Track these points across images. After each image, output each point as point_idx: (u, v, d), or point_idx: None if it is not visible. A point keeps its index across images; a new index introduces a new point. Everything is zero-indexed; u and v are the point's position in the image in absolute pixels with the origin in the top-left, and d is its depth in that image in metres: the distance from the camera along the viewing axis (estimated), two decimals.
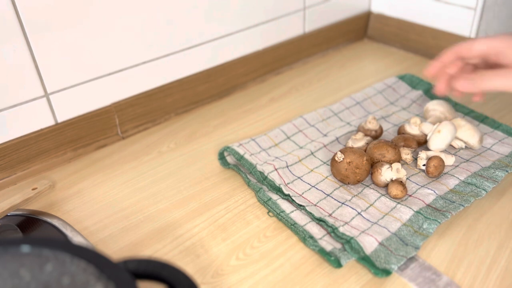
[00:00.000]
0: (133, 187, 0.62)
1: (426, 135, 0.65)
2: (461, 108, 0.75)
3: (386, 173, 0.58)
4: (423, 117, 0.72)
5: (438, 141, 0.62)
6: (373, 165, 0.60)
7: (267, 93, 0.85)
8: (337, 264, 0.49)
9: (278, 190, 0.58)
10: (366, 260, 0.48)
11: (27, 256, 0.33)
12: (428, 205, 0.55)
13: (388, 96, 0.79)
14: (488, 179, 0.58)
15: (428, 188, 0.58)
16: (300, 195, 0.58)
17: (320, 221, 0.53)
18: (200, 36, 0.77)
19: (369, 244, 0.50)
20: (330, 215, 0.54)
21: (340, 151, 0.59)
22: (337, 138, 0.68)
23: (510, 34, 0.53)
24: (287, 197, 0.57)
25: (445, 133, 0.62)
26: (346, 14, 1.00)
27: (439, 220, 0.52)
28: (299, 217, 0.54)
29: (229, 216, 0.57)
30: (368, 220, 0.54)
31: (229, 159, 0.65)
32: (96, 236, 0.54)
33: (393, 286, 0.47)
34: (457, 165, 0.62)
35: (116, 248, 0.53)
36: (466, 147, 0.66)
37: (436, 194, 0.57)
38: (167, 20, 0.72)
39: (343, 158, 0.58)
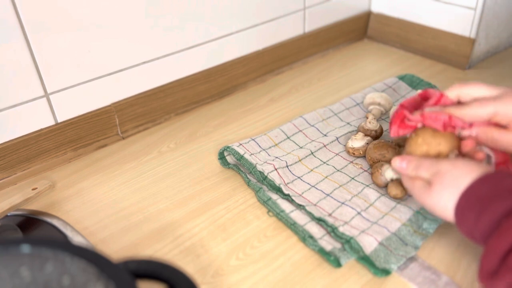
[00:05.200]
0: (133, 187, 0.62)
1: None
2: None
3: (386, 173, 0.57)
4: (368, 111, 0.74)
5: None
6: (373, 165, 0.60)
7: (267, 93, 0.85)
8: (337, 263, 0.49)
9: (278, 190, 0.58)
10: (365, 260, 0.48)
11: (27, 256, 0.33)
12: None
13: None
14: None
15: None
16: (300, 195, 0.58)
17: (320, 220, 0.53)
18: (200, 36, 0.77)
19: (368, 243, 0.50)
20: (330, 214, 0.54)
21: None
22: (337, 138, 0.68)
23: None
24: (287, 197, 0.57)
25: None
26: (346, 14, 1.00)
27: (439, 220, 0.52)
28: (299, 217, 0.54)
29: (229, 216, 0.57)
30: (368, 220, 0.54)
31: (229, 159, 0.65)
32: (96, 236, 0.54)
33: (393, 286, 0.47)
34: None
35: (116, 248, 0.53)
36: None
37: None
38: (167, 20, 0.72)
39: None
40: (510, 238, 0.38)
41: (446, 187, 0.44)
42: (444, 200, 0.44)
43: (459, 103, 0.51)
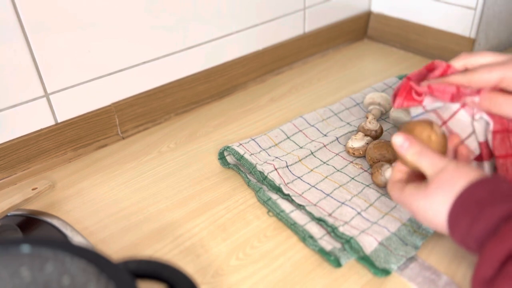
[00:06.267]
0: (133, 187, 0.62)
1: None
2: None
3: (386, 173, 0.57)
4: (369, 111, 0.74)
5: None
6: (373, 165, 0.60)
7: (267, 93, 0.85)
8: (337, 263, 0.49)
9: (278, 190, 0.58)
10: (365, 260, 0.48)
11: (27, 256, 0.33)
12: None
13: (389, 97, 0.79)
14: None
15: None
16: (300, 195, 0.58)
17: (320, 220, 0.53)
18: (200, 36, 0.77)
19: (368, 243, 0.50)
20: (330, 214, 0.54)
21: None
22: (337, 138, 0.68)
23: None
24: (287, 197, 0.57)
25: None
26: (346, 14, 1.00)
27: None
28: (299, 217, 0.54)
29: (229, 216, 0.57)
30: (368, 220, 0.54)
31: (229, 158, 0.65)
32: (96, 236, 0.54)
33: (393, 285, 0.47)
34: None
35: (116, 248, 0.53)
36: None
37: None
38: (167, 20, 0.72)
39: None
40: (509, 243, 0.36)
41: (442, 188, 0.42)
42: (438, 202, 0.42)
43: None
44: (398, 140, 0.46)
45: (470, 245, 0.40)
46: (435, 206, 0.42)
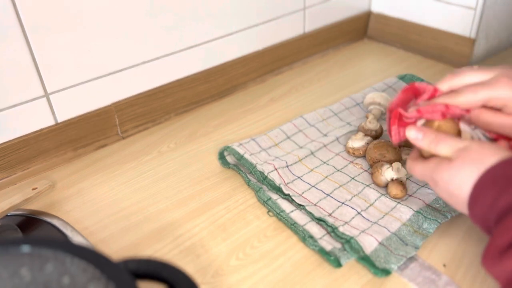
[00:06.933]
0: (133, 187, 0.62)
1: None
2: None
3: (386, 173, 0.58)
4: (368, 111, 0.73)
5: None
6: (373, 165, 0.60)
7: (267, 93, 0.85)
8: (337, 264, 0.49)
9: (278, 190, 0.58)
10: (366, 260, 0.48)
11: (27, 256, 0.33)
12: (428, 205, 0.55)
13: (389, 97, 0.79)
14: None
15: (428, 188, 0.58)
16: (300, 195, 0.58)
17: (320, 220, 0.53)
18: (200, 36, 0.77)
19: (368, 243, 0.50)
20: (330, 214, 0.54)
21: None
22: (337, 138, 0.68)
23: (508, 72, 0.47)
24: (287, 197, 0.57)
25: None
26: (346, 14, 1.00)
27: (439, 220, 0.52)
28: (299, 217, 0.54)
29: (229, 216, 0.57)
30: (368, 220, 0.54)
31: (229, 158, 0.65)
32: (96, 236, 0.54)
33: (393, 285, 0.47)
34: None
35: (116, 248, 0.53)
36: None
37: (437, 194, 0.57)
38: (167, 20, 0.72)
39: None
40: None
41: (470, 163, 0.42)
42: (463, 175, 0.42)
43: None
44: (412, 133, 0.47)
45: (489, 218, 0.40)
46: (460, 177, 0.42)
